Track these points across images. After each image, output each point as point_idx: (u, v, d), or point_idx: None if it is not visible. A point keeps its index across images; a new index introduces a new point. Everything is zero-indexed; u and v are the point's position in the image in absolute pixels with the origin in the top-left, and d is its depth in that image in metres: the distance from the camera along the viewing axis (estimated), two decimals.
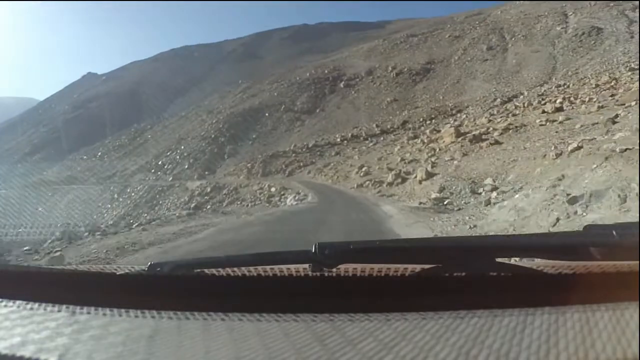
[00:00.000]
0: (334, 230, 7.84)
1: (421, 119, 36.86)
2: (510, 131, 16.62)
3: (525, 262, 0.80)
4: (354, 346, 0.49)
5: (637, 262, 0.65)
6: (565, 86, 27.61)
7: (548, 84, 33.10)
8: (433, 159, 16.77)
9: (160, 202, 34.69)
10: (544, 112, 18.22)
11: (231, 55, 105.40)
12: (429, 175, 13.87)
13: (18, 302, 0.67)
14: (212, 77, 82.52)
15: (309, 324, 0.56)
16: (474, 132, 18.39)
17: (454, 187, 11.70)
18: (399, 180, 15.86)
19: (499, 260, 0.71)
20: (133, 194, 39.21)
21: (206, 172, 41.78)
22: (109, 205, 37.74)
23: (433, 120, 34.93)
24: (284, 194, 20.57)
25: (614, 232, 0.70)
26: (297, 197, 17.88)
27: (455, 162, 14.88)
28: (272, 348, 0.50)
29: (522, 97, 31.18)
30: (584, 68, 33.35)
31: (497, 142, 15.42)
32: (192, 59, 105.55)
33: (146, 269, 0.74)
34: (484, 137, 17.04)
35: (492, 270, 0.66)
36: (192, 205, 25.27)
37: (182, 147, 47.95)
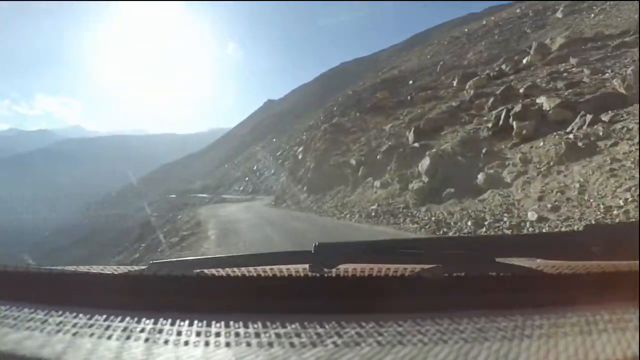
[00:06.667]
0: None
1: None
2: None
3: (525, 262, 0.77)
4: (353, 346, 0.49)
5: (637, 262, 0.63)
6: None
7: None
8: None
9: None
10: None
11: (384, 63, 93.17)
12: None
13: (18, 302, 0.67)
14: (360, 84, 71.60)
15: (309, 324, 0.55)
16: None
17: None
18: None
19: (499, 260, 0.70)
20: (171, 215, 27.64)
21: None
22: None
23: None
24: None
25: (614, 232, 0.70)
26: None
27: None
28: (272, 348, 0.50)
29: None
30: None
31: None
32: (347, 72, 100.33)
33: (146, 269, 0.76)
34: None
35: (492, 270, 0.65)
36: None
37: (283, 145, 33.52)
